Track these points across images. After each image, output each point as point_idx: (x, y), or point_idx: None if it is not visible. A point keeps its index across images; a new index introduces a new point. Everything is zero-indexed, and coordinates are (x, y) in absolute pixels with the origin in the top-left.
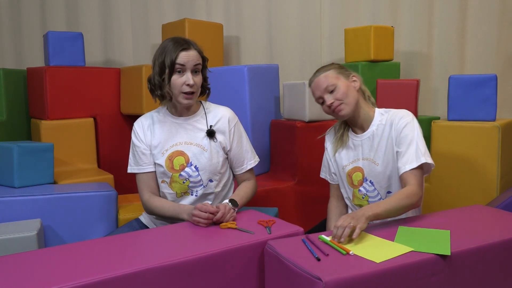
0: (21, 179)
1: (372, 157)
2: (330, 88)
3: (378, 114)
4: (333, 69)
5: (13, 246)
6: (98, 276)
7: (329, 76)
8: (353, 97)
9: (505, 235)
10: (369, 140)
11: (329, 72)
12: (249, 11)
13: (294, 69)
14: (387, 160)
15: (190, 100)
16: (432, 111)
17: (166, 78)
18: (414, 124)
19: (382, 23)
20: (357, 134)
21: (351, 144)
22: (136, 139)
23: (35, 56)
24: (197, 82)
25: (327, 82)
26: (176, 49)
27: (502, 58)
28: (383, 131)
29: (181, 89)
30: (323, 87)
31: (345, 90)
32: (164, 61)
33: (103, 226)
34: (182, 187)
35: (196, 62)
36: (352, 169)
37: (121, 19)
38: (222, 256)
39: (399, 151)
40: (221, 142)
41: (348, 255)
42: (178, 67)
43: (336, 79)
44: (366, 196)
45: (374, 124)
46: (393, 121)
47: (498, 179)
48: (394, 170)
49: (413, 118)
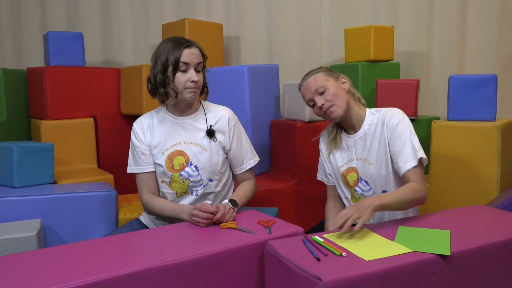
0: (21, 179)
1: (366, 157)
2: (320, 90)
3: (369, 113)
4: (322, 71)
5: (13, 246)
6: (98, 276)
7: (318, 78)
8: (343, 98)
9: (505, 235)
10: (362, 140)
11: (318, 74)
12: (249, 11)
13: (294, 69)
14: (381, 159)
15: (194, 95)
16: (432, 111)
17: (170, 75)
18: (406, 121)
19: (382, 23)
20: (349, 135)
21: (345, 145)
22: (136, 139)
23: (35, 56)
24: (200, 80)
25: (316, 84)
26: (180, 47)
27: (502, 58)
28: (375, 131)
29: (185, 85)
30: (313, 89)
31: (335, 91)
32: (167, 59)
33: (103, 226)
34: (182, 187)
35: (199, 60)
36: (346, 169)
37: (121, 19)
38: (222, 256)
39: (395, 150)
40: (221, 142)
41: (342, 256)
42: (182, 65)
43: (325, 81)
44: (363, 196)
45: (366, 124)
46: (384, 119)
47: (498, 179)
48: (389, 169)
49: (403, 116)
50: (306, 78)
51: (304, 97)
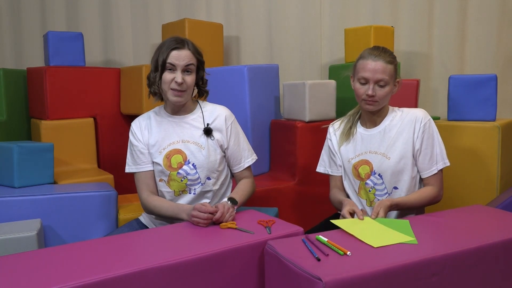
0: (21, 179)
1: (384, 151)
2: (381, 83)
3: (391, 110)
4: (394, 65)
5: (13, 246)
6: (98, 276)
7: (387, 70)
8: (387, 101)
9: (505, 235)
10: (381, 134)
11: (390, 66)
12: (249, 11)
13: (294, 69)
14: (401, 155)
15: (178, 97)
16: (432, 111)
17: (158, 75)
18: (434, 126)
19: (382, 23)
20: (367, 128)
21: (359, 137)
22: (134, 139)
23: (35, 56)
24: (187, 81)
25: (383, 76)
26: (169, 48)
27: (502, 58)
28: (399, 127)
29: (170, 85)
30: (377, 76)
31: (387, 93)
32: (158, 59)
33: (103, 226)
34: (180, 185)
35: (188, 62)
36: (358, 162)
37: (121, 19)
38: (222, 256)
39: (423, 151)
40: (218, 140)
41: (346, 255)
42: (169, 66)
43: (390, 78)
44: (373, 189)
45: (388, 119)
46: (414, 119)
47: (498, 179)
48: (406, 166)
49: (431, 119)
50: (378, 58)
51: (361, 70)
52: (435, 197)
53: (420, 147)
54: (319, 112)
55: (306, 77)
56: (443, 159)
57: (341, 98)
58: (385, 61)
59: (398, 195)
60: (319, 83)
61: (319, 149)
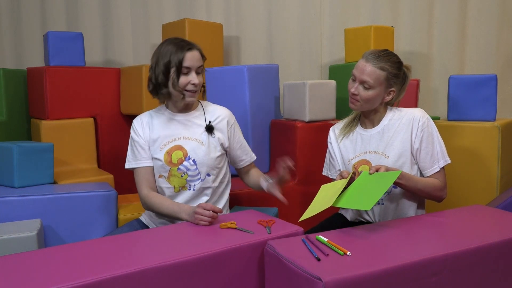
0: (21, 179)
1: (382, 150)
2: (365, 85)
3: (389, 110)
4: (386, 72)
5: (13, 246)
6: (98, 276)
7: (375, 75)
8: (372, 105)
9: (505, 235)
10: (379, 134)
11: (380, 72)
12: (249, 11)
13: (294, 69)
14: (399, 154)
15: (193, 98)
16: (432, 111)
17: (173, 77)
18: (433, 124)
19: (382, 23)
20: (366, 129)
21: (359, 138)
22: (135, 134)
23: (35, 56)
24: (200, 82)
25: (368, 78)
26: (182, 49)
27: (502, 58)
28: (397, 127)
29: (186, 87)
30: (362, 77)
31: (371, 98)
32: (170, 61)
33: (103, 226)
34: (180, 181)
35: (200, 64)
36: (358, 162)
37: (121, 19)
38: (222, 256)
39: (422, 150)
40: (219, 139)
41: (345, 255)
42: (185, 70)
43: (377, 83)
44: None
45: (386, 119)
46: (411, 118)
47: (498, 179)
48: (405, 164)
49: (429, 118)
50: (370, 58)
51: (356, 64)
52: (440, 189)
53: (420, 146)
54: (319, 112)
55: (306, 77)
56: (444, 157)
57: (341, 98)
58: (375, 66)
59: (398, 194)
60: (319, 83)
61: (319, 149)
